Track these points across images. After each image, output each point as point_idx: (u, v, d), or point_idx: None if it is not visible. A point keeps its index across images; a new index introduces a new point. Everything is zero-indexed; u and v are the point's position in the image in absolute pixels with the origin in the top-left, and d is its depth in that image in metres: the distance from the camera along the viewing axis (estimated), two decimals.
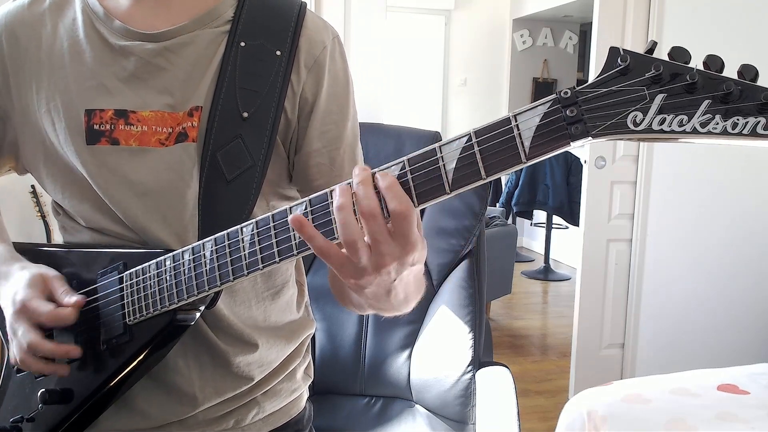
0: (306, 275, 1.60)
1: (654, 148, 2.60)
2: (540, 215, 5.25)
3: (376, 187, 0.56)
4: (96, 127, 0.77)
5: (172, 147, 0.77)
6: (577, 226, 3.72)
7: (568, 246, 5.31)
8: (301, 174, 0.82)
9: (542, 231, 5.23)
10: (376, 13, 2.27)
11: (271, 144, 0.77)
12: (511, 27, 5.96)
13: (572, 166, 4.74)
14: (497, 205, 5.14)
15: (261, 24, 0.80)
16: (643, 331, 2.71)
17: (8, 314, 0.76)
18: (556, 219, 4.97)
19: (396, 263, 0.57)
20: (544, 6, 5.51)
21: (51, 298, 0.75)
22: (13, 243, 0.87)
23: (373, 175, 0.57)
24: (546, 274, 5.03)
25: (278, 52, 0.78)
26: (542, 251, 5.21)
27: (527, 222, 5.75)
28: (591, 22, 2.66)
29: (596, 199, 2.67)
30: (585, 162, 2.66)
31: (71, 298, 0.75)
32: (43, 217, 2.26)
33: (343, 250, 0.58)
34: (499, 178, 5.47)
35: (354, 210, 0.57)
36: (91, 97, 0.78)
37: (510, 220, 5.17)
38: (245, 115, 0.76)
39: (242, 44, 0.78)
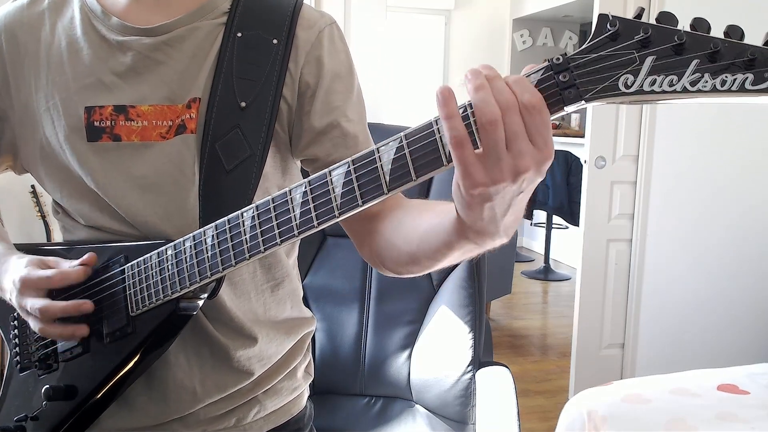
0: (306, 276, 1.61)
1: (654, 148, 2.60)
2: (540, 215, 5.25)
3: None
4: (96, 123, 0.78)
5: (172, 140, 0.77)
6: (577, 226, 3.72)
7: (568, 246, 5.31)
8: (318, 152, 0.80)
9: (542, 231, 5.23)
10: (376, 13, 2.28)
11: (269, 133, 0.77)
12: (511, 27, 5.96)
13: (572, 166, 4.74)
14: None
15: (257, 14, 0.80)
16: (643, 331, 2.71)
17: (13, 299, 0.76)
18: (556, 219, 4.97)
19: (533, 169, 0.51)
20: (544, 6, 5.51)
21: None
22: (14, 244, 0.87)
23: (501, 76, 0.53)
24: (546, 274, 5.03)
25: (275, 41, 0.79)
26: (542, 251, 5.21)
27: (527, 222, 5.75)
28: (591, 22, 2.65)
29: (596, 199, 2.67)
30: (585, 162, 2.66)
31: (77, 261, 0.75)
32: (43, 217, 2.26)
33: (478, 151, 0.51)
34: None
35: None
36: (90, 94, 0.78)
37: None
38: (243, 105, 0.77)
39: (239, 35, 0.79)
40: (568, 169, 4.76)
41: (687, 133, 2.60)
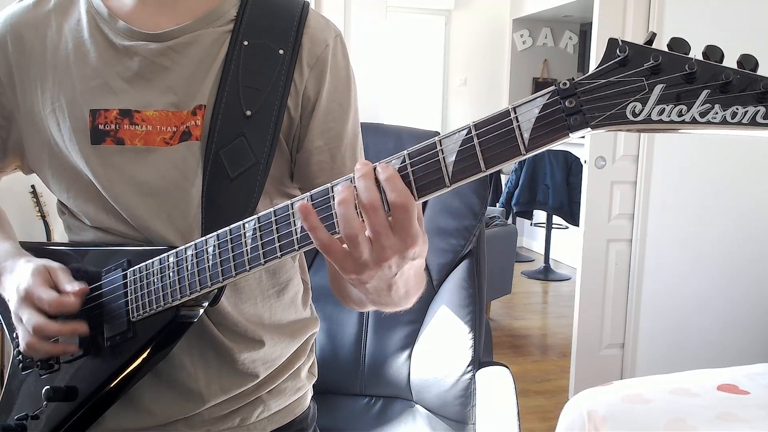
0: None
1: (654, 148, 2.60)
2: (540, 215, 5.25)
3: (377, 181, 0.57)
4: (101, 126, 0.78)
5: (176, 146, 0.77)
6: (577, 226, 3.72)
7: (568, 246, 5.31)
8: (303, 172, 0.82)
9: (542, 231, 5.23)
10: (376, 13, 2.27)
11: (274, 142, 0.77)
12: (511, 27, 5.96)
13: (572, 166, 4.74)
14: (497, 205, 5.14)
15: (264, 23, 0.80)
16: (643, 331, 2.71)
17: (12, 303, 0.76)
18: (556, 219, 4.97)
19: (397, 257, 0.56)
20: (544, 6, 5.51)
21: (55, 288, 0.75)
22: (19, 242, 0.87)
23: (375, 168, 0.57)
24: (546, 274, 5.03)
25: (281, 51, 0.79)
26: (542, 251, 5.21)
27: (527, 222, 5.75)
28: (591, 22, 2.66)
29: (596, 199, 2.67)
30: (585, 162, 2.66)
31: (74, 286, 0.75)
32: (43, 217, 2.26)
33: (345, 245, 0.58)
34: (500, 178, 5.47)
35: (355, 205, 0.57)
36: (96, 97, 0.78)
37: (510, 220, 5.17)
38: (248, 113, 0.77)
39: (245, 43, 0.79)
40: (568, 169, 4.76)
41: (687, 133, 2.59)
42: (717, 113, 0.47)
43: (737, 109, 0.46)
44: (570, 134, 0.51)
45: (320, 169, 0.81)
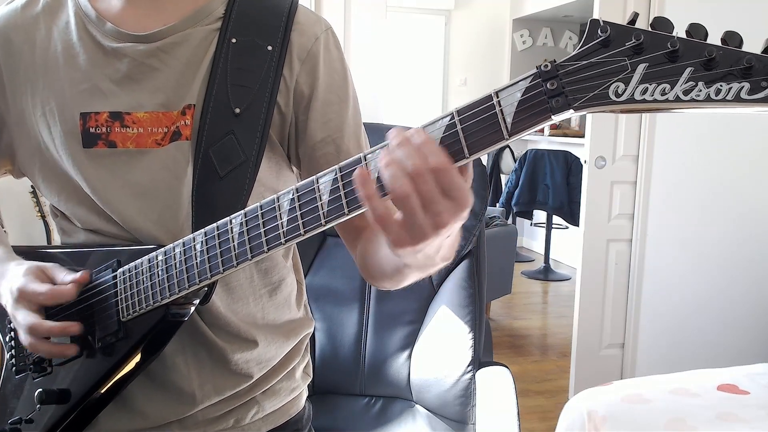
0: (305, 275, 1.60)
1: (654, 148, 2.60)
2: (540, 215, 5.25)
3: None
4: (92, 130, 0.78)
5: (167, 146, 0.77)
6: (577, 226, 3.72)
7: (568, 246, 5.31)
8: (310, 166, 0.82)
9: (542, 231, 5.23)
10: (376, 13, 2.28)
11: (263, 139, 0.77)
12: (511, 27, 5.96)
13: (572, 166, 4.74)
14: (497, 205, 5.14)
15: (252, 20, 0.80)
16: (643, 331, 2.71)
17: (8, 307, 0.76)
18: (556, 219, 4.97)
19: (453, 221, 0.53)
20: (544, 6, 5.50)
21: (50, 283, 0.76)
22: (12, 246, 0.86)
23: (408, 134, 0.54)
24: (546, 274, 5.03)
25: (269, 47, 0.78)
26: (542, 251, 5.21)
27: (527, 222, 5.75)
28: None
29: (596, 199, 2.67)
30: (585, 162, 2.66)
31: (71, 276, 0.75)
32: (43, 217, 2.26)
33: (397, 216, 0.54)
34: (500, 178, 5.47)
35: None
36: (86, 100, 0.78)
37: (510, 220, 5.17)
38: (237, 111, 0.76)
39: (233, 41, 0.78)
40: (568, 169, 4.76)
41: (687, 133, 2.59)
42: (701, 91, 0.46)
43: (721, 85, 0.46)
44: (552, 117, 0.51)
45: (327, 161, 0.80)
